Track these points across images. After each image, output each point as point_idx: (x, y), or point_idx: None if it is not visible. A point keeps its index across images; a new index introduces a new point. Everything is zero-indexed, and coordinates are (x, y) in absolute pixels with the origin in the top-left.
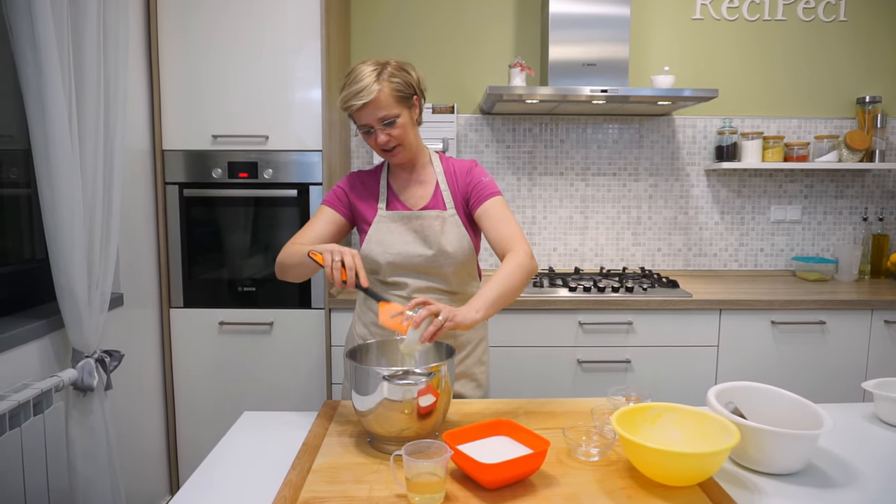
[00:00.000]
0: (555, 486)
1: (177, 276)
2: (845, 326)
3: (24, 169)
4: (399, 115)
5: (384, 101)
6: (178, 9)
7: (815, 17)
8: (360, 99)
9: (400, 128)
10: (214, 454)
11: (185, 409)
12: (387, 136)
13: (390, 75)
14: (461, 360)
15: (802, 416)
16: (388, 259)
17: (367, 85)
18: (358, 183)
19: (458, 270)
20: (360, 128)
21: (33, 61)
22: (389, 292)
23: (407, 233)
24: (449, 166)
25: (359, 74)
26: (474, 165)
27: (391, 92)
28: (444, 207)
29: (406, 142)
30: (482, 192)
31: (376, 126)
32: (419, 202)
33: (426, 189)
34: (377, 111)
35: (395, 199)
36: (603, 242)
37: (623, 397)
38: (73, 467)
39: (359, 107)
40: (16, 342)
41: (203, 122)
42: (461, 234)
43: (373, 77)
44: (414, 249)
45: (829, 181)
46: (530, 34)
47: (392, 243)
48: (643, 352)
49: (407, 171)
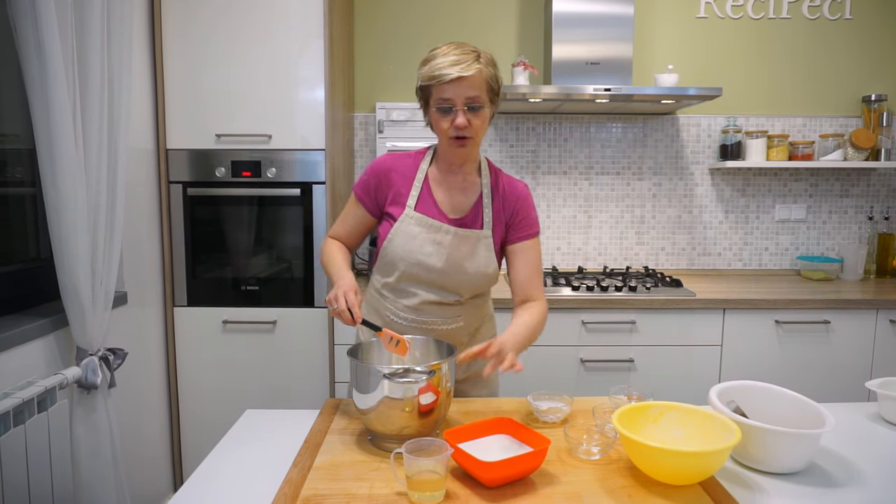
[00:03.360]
0: (556, 484)
1: (180, 274)
2: (850, 326)
3: (28, 168)
4: (485, 105)
5: (478, 82)
6: (182, 8)
7: (820, 15)
8: (458, 70)
9: (481, 118)
10: (217, 452)
11: (188, 406)
12: (466, 121)
13: (487, 63)
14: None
15: (804, 416)
16: (405, 269)
17: (467, 60)
18: (396, 163)
19: (473, 288)
20: (439, 103)
21: (37, 61)
22: (396, 300)
23: (430, 244)
24: (498, 182)
25: (453, 49)
26: (527, 194)
27: (487, 77)
28: (479, 225)
29: (478, 137)
30: (527, 229)
31: (459, 105)
32: (455, 210)
33: (467, 198)
34: (469, 89)
35: (430, 197)
36: (606, 241)
37: (625, 396)
38: (77, 464)
39: (452, 78)
40: (20, 340)
41: (207, 122)
42: (489, 258)
43: (472, 56)
44: (433, 263)
45: (834, 180)
46: (534, 33)
47: (412, 251)
48: (646, 351)
49: (453, 172)
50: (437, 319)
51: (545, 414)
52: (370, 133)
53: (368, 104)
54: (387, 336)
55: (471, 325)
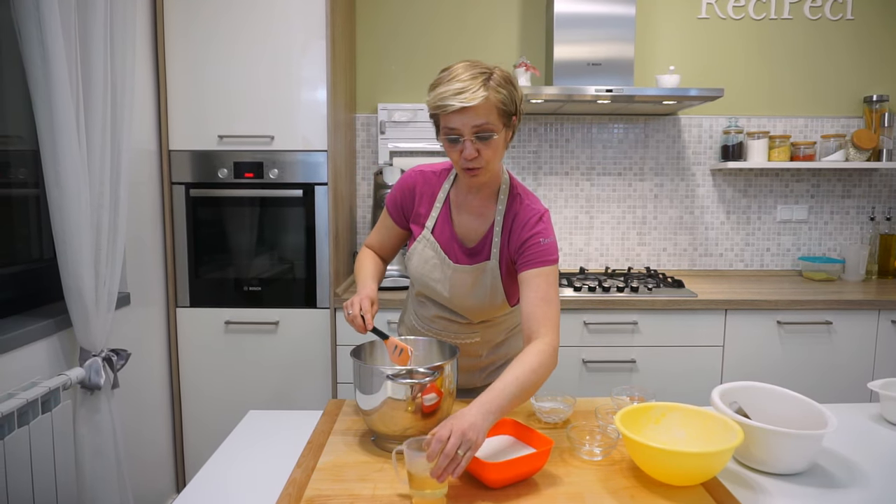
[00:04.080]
0: (558, 485)
1: (183, 275)
2: (852, 327)
3: (32, 169)
4: (495, 132)
5: (486, 110)
6: (184, 10)
7: (821, 15)
8: (461, 101)
9: (493, 147)
10: (220, 452)
11: (191, 407)
12: (475, 151)
13: (498, 84)
14: (487, 374)
15: (807, 416)
16: (419, 288)
17: (471, 88)
18: (423, 180)
19: (481, 315)
20: (446, 132)
21: (41, 62)
22: (417, 307)
23: (438, 270)
24: (513, 209)
25: (460, 74)
26: (537, 221)
27: (496, 103)
28: (487, 255)
29: (491, 164)
30: (536, 258)
31: (467, 136)
32: (469, 237)
33: (481, 225)
34: (475, 119)
35: (447, 221)
36: (608, 242)
37: (627, 397)
38: (81, 465)
39: (455, 109)
40: (24, 341)
41: (209, 123)
42: (495, 288)
43: (479, 81)
44: (440, 290)
45: (835, 180)
46: (535, 34)
47: (424, 275)
48: (648, 352)
49: (472, 194)
50: (452, 333)
51: (547, 415)
52: (372, 134)
53: (370, 105)
54: (392, 344)
55: (491, 340)
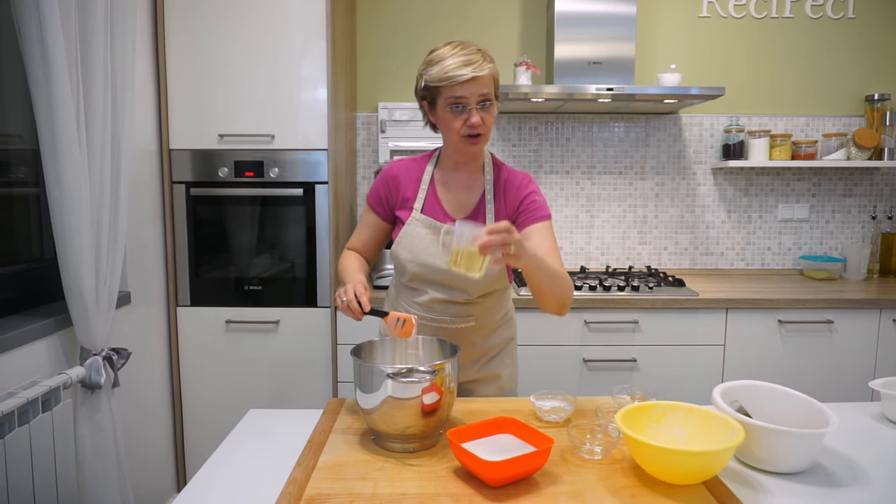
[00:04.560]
0: (559, 483)
1: (183, 274)
2: (853, 325)
3: (32, 168)
4: (493, 102)
5: (489, 80)
6: (185, 9)
7: (823, 14)
8: (472, 71)
9: (492, 115)
10: (220, 451)
11: (191, 406)
12: (480, 118)
13: (491, 61)
14: (483, 363)
15: (808, 415)
16: (414, 269)
17: (477, 60)
18: (403, 169)
19: (480, 287)
20: (452, 102)
21: (41, 61)
22: (409, 297)
23: (435, 244)
24: (501, 176)
25: (460, 50)
26: (528, 181)
27: (494, 75)
28: (483, 221)
29: (488, 133)
30: (532, 214)
31: (473, 104)
32: (460, 210)
33: (471, 197)
34: (482, 88)
35: (435, 198)
36: (609, 241)
37: (628, 396)
38: (82, 464)
39: (467, 78)
40: (24, 340)
41: (209, 122)
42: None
43: (480, 56)
44: (439, 264)
45: (837, 179)
46: (536, 32)
47: (419, 252)
48: (649, 351)
49: (458, 171)
50: (447, 318)
51: (548, 413)
52: (372, 133)
53: (371, 104)
54: (393, 319)
55: (484, 326)
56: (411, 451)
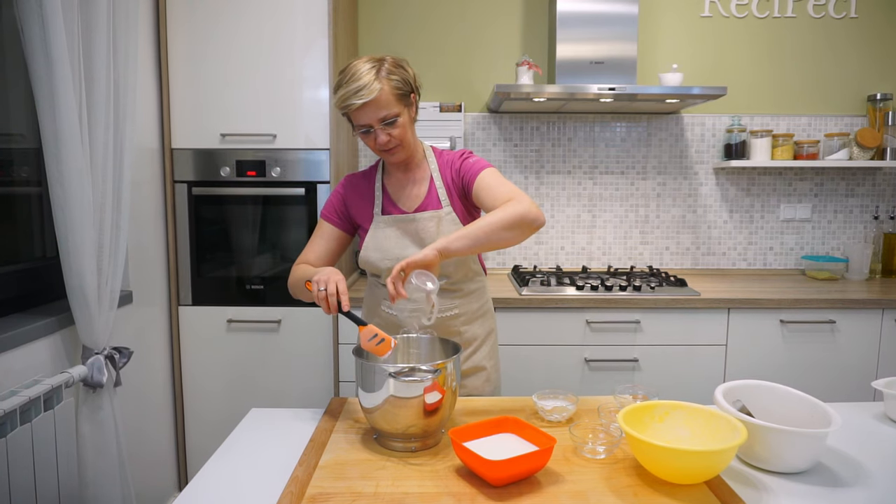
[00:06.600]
0: (561, 483)
1: (185, 273)
2: (855, 325)
3: (34, 168)
4: (399, 115)
5: (385, 99)
6: (187, 8)
7: (825, 13)
8: (360, 98)
9: (400, 127)
10: (222, 450)
11: (193, 405)
12: (387, 136)
13: (388, 73)
14: (469, 354)
15: (811, 415)
16: (387, 265)
17: (366, 83)
18: (352, 188)
19: (458, 268)
20: (359, 128)
21: (44, 60)
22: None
23: (403, 236)
24: (443, 160)
25: (356, 72)
26: (461, 152)
27: (391, 90)
28: (439, 205)
29: (405, 141)
30: (471, 169)
31: (376, 126)
32: (414, 203)
33: (421, 188)
34: (378, 111)
35: (390, 201)
36: (611, 241)
37: (630, 395)
38: (83, 463)
39: (358, 106)
40: (27, 339)
41: (211, 121)
42: (459, 227)
43: (372, 75)
44: (411, 253)
45: (839, 179)
46: (538, 32)
47: (389, 248)
48: (651, 351)
49: (402, 171)
50: None
51: (550, 413)
52: None
53: None
54: (369, 332)
55: (468, 311)
56: (413, 451)
